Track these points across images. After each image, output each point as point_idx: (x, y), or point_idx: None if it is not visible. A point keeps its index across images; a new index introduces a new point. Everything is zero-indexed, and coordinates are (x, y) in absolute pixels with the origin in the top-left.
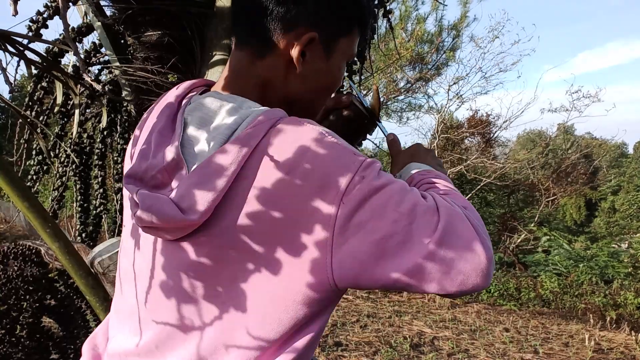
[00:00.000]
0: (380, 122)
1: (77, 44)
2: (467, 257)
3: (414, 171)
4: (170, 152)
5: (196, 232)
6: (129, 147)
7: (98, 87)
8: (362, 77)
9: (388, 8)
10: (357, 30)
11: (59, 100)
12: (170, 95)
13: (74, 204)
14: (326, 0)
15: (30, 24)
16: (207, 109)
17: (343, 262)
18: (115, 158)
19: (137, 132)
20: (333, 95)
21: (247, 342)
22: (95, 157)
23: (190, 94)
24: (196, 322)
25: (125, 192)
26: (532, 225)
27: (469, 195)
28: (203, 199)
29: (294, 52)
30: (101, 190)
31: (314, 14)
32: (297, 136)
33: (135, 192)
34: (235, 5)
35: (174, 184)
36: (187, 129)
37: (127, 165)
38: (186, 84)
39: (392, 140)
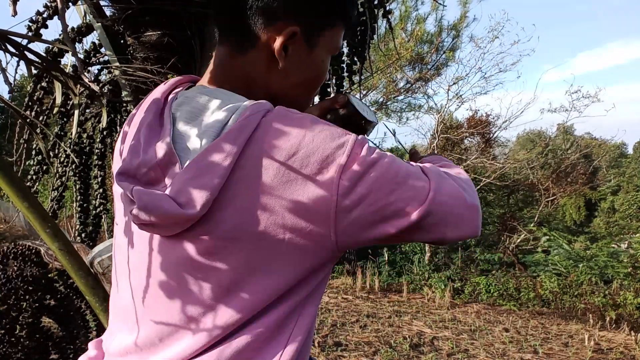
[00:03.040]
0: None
1: (76, 44)
2: (459, 205)
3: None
4: (162, 148)
5: (193, 227)
6: (117, 144)
7: (97, 88)
8: (362, 77)
9: (388, 8)
10: (340, 23)
11: (59, 100)
12: (157, 92)
13: (74, 204)
14: None
15: (30, 24)
16: (195, 103)
17: (346, 231)
18: None
19: (125, 127)
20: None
21: (246, 329)
22: (95, 157)
23: (176, 90)
24: (195, 316)
25: (117, 189)
26: (532, 225)
27: None
28: (200, 193)
29: (276, 46)
30: (101, 190)
31: (295, 7)
32: (291, 124)
33: (130, 189)
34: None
35: (167, 180)
36: (176, 124)
37: (117, 162)
38: (172, 80)
39: (414, 152)
